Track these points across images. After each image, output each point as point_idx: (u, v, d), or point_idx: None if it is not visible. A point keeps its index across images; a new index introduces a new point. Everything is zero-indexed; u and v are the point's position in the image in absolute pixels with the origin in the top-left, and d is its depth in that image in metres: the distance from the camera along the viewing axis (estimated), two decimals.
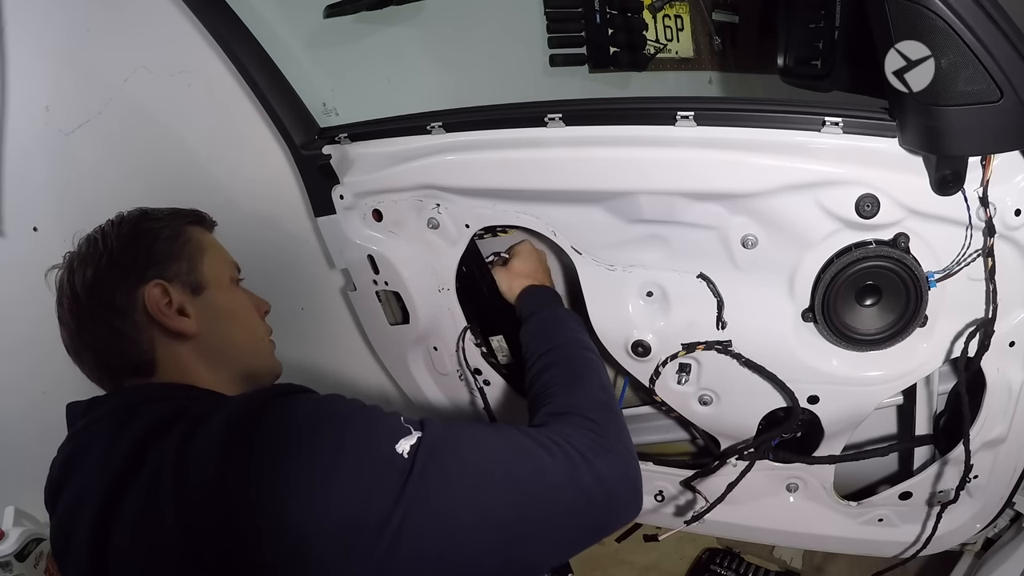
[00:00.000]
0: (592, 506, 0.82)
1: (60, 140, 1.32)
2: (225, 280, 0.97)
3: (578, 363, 1.06)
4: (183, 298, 0.89)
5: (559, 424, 0.89)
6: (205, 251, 0.95)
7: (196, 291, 0.91)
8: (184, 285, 0.90)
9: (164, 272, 0.89)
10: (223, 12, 1.27)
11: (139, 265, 0.88)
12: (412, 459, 0.71)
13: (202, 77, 1.34)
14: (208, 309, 0.91)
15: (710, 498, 1.26)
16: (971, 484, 1.16)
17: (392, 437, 0.72)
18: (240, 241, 1.45)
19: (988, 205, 0.92)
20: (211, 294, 0.93)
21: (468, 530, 0.72)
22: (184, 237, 0.94)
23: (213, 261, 0.96)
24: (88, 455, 0.79)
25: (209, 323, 0.90)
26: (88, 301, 0.86)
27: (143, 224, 0.93)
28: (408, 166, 1.21)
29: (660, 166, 1.03)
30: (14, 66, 1.25)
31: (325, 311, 1.58)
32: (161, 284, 0.88)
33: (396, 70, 1.63)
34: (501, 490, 0.75)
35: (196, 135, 1.39)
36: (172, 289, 0.88)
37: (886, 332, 1.02)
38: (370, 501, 0.67)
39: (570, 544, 0.83)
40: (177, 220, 0.96)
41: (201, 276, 0.93)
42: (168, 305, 0.87)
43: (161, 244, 0.91)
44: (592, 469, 0.81)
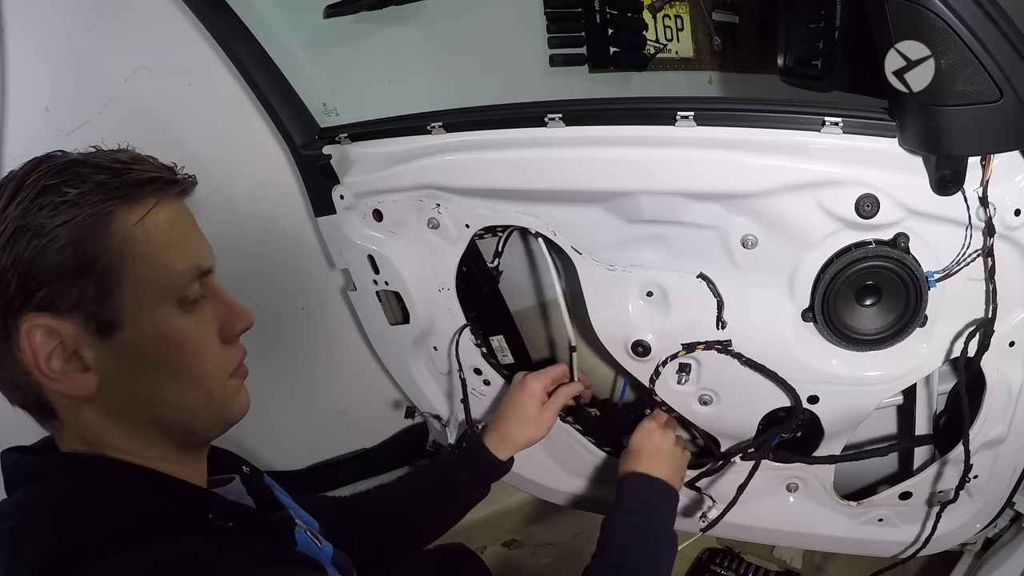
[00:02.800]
0: None
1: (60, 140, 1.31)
2: (165, 304, 0.63)
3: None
4: (82, 340, 0.59)
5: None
6: (136, 259, 0.61)
7: (105, 331, 0.60)
8: (87, 319, 0.59)
9: (54, 300, 0.58)
10: (223, 12, 1.27)
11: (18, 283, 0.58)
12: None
13: (202, 77, 1.34)
14: (123, 357, 0.61)
15: (712, 498, 1.26)
16: (971, 484, 1.16)
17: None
18: (240, 241, 1.46)
19: (988, 205, 0.92)
20: (130, 334, 0.61)
21: None
22: (101, 238, 0.60)
23: (147, 276, 0.62)
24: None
25: (121, 377, 0.61)
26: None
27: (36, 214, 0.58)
28: (408, 166, 1.21)
29: (660, 166, 1.03)
30: (14, 66, 1.24)
31: (325, 311, 1.58)
32: (45, 325, 0.58)
33: (396, 70, 1.63)
34: None
35: (196, 135, 1.39)
36: (65, 326, 0.59)
37: (886, 332, 1.02)
38: None
39: None
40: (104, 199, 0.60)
41: (117, 305, 0.60)
42: (57, 353, 0.59)
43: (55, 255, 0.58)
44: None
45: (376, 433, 1.73)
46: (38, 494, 0.62)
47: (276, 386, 1.57)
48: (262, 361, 1.53)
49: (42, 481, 0.63)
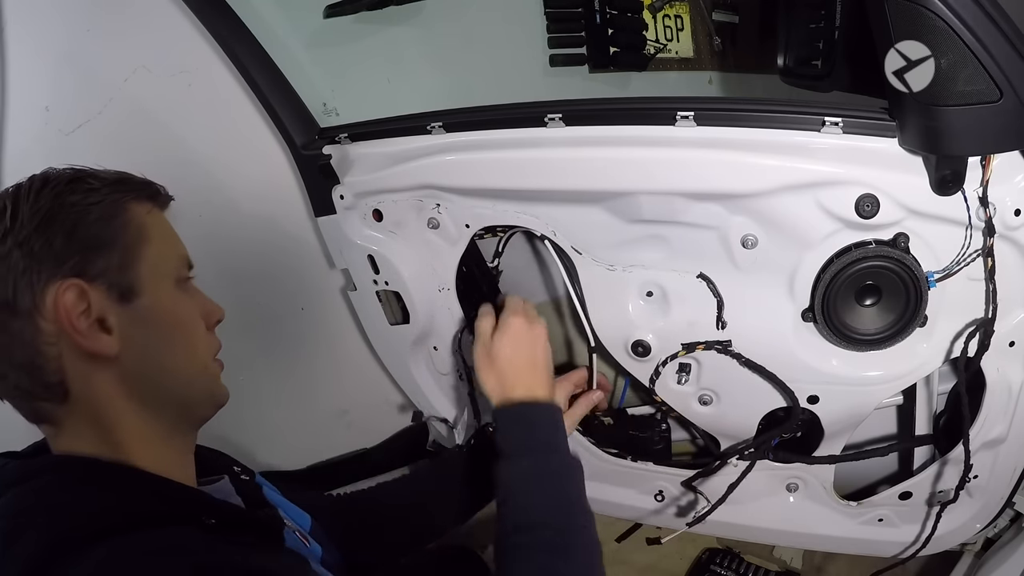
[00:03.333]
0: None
1: (60, 140, 1.32)
2: (169, 282, 0.74)
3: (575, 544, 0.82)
4: (106, 306, 0.68)
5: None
6: (148, 241, 0.72)
7: (126, 297, 0.69)
8: (111, 287, 0.68)
9: (87, 267, 0.67)
10: (223, 12, 1.27)
11: (54, 255, 0.66)
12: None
13: (202, 77, 1.34)
14: (139, 322, 0.70)
15: (711, 498, 1.26)
16: (971, 484, 1.16)
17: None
18: (241, 241, 1.46)
19: (988, 205, 0.92)
20: (146, 301, 0.71)
21: None
22: (122, 219, 0.71)
23: (157, 254, 0.73)
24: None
25: (137, 342, 0.69)
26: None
27: (69, 196, 0.69)
28: (408, 166, 1.21)
29: (660, 166, 1.03)
30: (14, 66, 1.24)
31: (325, 311, 1.58)
32: (78, 285, 0.66)
33: (396, 70, 1.63)
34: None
35: (196, 135, 1.39)
36: (93, 292, 0.67)
37: (886, 332, 1.02)
38: None
39: None
40: (118, 193, 0.72)
41: (136, 277, 0.70)
42: (85, 314, 0.66)
43: (88, 227, 0.68)
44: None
45: (376, 433, 1.73)
46: (27, 495, 0.64)
47: (276, 386, 1.57)
48: (263, 361, 1.54)
49: (32, 482, 0.65)
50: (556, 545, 0.80)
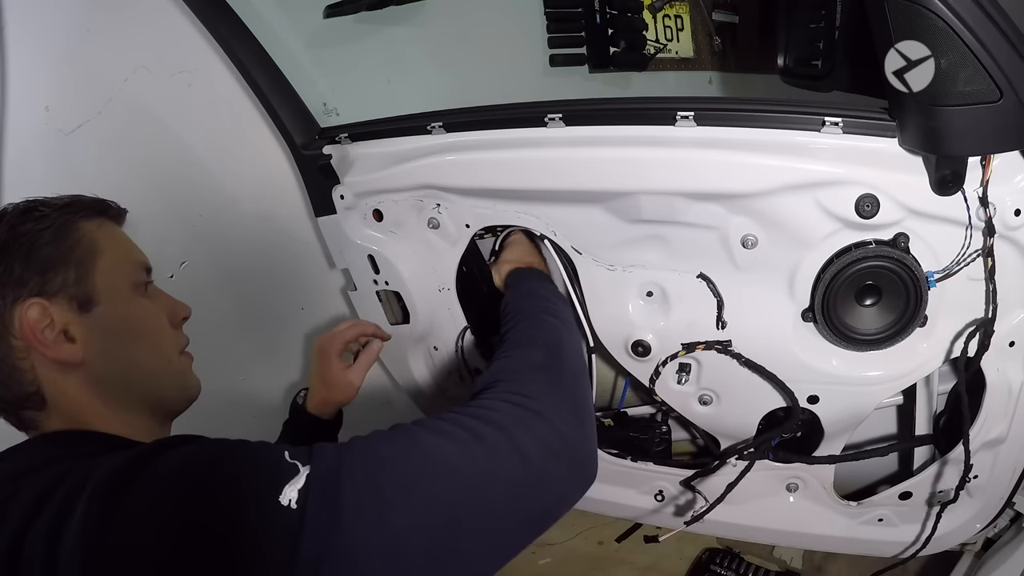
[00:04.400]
0: (519, 492, 0.71)
1: (60, 140, 1.32)
2: (125, 288, 0.81)
3: (533, 325, 0.98)
4: (68, 317, 0.75)
5: (482, 398, 0.79)
6: (100, 253, 0.80)
7: (85, 306, 0.77)
8: (70, 300, 0.76)
9: (45, 285, 0.75)
10: (223, 12, 1.27)
11: (14, 280, 0.74)
12: (302, 509, 0.60)
13: (202, 77, 1.34)
14: (100, 328, 0.77)
15: (710, 498, 1.26)
16: (971, 484, 1.16)
17: (273, 488, 0.61)
18: (240, 241, 1.46)
19: (988, 205, 0.92)
20: (105, 309, 0.78)
21: (383, 565, 0.63)
22: (73, 238, 0.79)
23: (110, 264, 0.80)
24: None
25: (101, 346, 0.76)
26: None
27: (21, 226, 0.77)
28: (408, 166, 1.21)
29: (660, 166, 1.03)
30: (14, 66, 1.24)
31: (325, 311, 1.58)
32: (39, 303, 0.74)
33: (396, 70, 1.63)
34: (409, 509, 0.65)
35: (196, 135, 1.39)
36: (54, 307, 0.74)
37: (886, 332, 1.02)
38: (263, 566, 0.58)
39: (506, 545, 0.72)
40: (67, 215, 0.80)
41: (91, 287, 0.77)
42: (49, 327, 0.74)
43: (41, 250, 0.76)
44: (506, 437, 0.71)
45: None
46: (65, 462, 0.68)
47: (276, 385, 1.57)
48: (263, 360, 1.54)
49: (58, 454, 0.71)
50: (525, 319, 1.02)
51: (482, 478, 0.70)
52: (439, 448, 0.70)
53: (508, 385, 0.81)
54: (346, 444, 0.70)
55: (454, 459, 0.70)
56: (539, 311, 1.03)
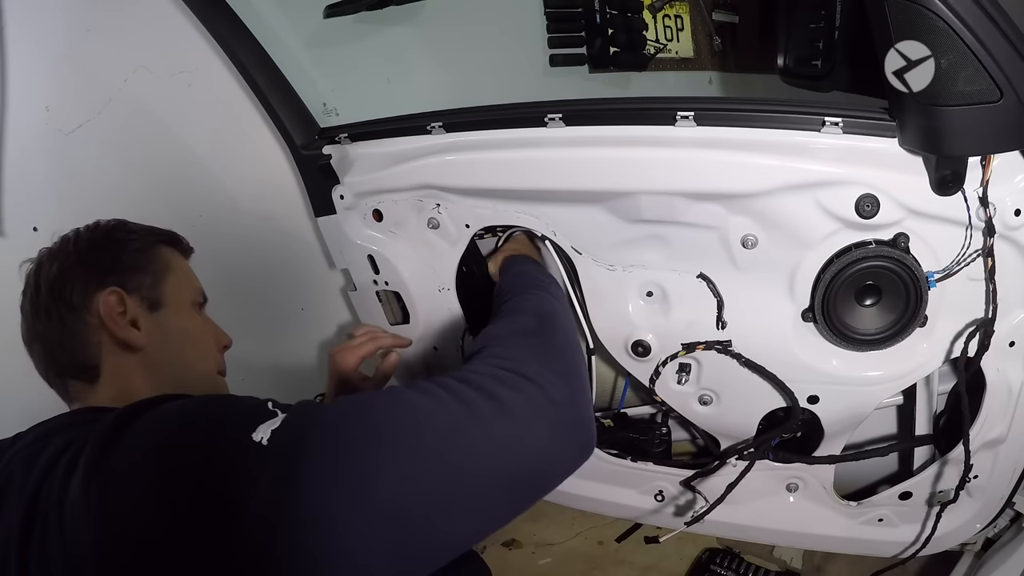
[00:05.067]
0: (503, 450, 0.69)
1: (60, 140, 1.32)
2: (185, 303, 0.96)
3: (523, 299, 0.99)
4: (138, 311, 0.89)
5: (470, 363, 0.79)
6: (171, 271, 0.95)
7: (153, 307, 0.91)
8: (142, 298, 0.90)
9: (125, 282, 0.89)
10: (223, 12, 1.27)
11: (102, 269, 0.88)
12: (270, 443, 0.63)
13: (202, 77, 1.34)
14: (161, 327, 0.90)
15: (710, 498, 1.26)
16: (971, 484, 1.16)
17: (248, 425, 0.65)
18: (240, 241, 1.46)
19: (988, 205, 0.92)
20: (167, 314, 0.92)
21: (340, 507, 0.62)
22: (152, 253, 0.94)
23: (177, 282, 0.95)
24: (9, 493, 0.75)
25: (159, 341, 0.89)
26: (47, 295, 0.87)
27: (116, 233, 0.93)
28: (408, 166, 1.21)
29: (660, 166, 1.03)
30: (14, 66, 1.25)
31: (325, 311, 1.58)
32: (118, 292, 0.87)
33: (396, 70, 1.63)
34: (374, 455, 0.64)
35: (196, 135, 1.39)
36: (129, 300, 0.88)
37: (886, 332, 1.02)
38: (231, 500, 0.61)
39: (492, 505, 0.70)
40: (151, 237, 0.96)
41: (161, 294, 0.92)
42: (121, 315, 0.87)
43: (128, 255, 0.91)
44: (494, 402, 0.70)
45: None
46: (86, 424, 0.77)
47: (277, 384, 1.57)
48: (263, 361, 1.54)
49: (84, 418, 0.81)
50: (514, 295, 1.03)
51: (461, 433, 0.68)
52: (417, 402, 0.70)
53: (493, 350, 0.81)
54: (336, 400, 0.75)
55: (432, 412, 0.69)
56: (531, 286, 1.05)
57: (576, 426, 0.76)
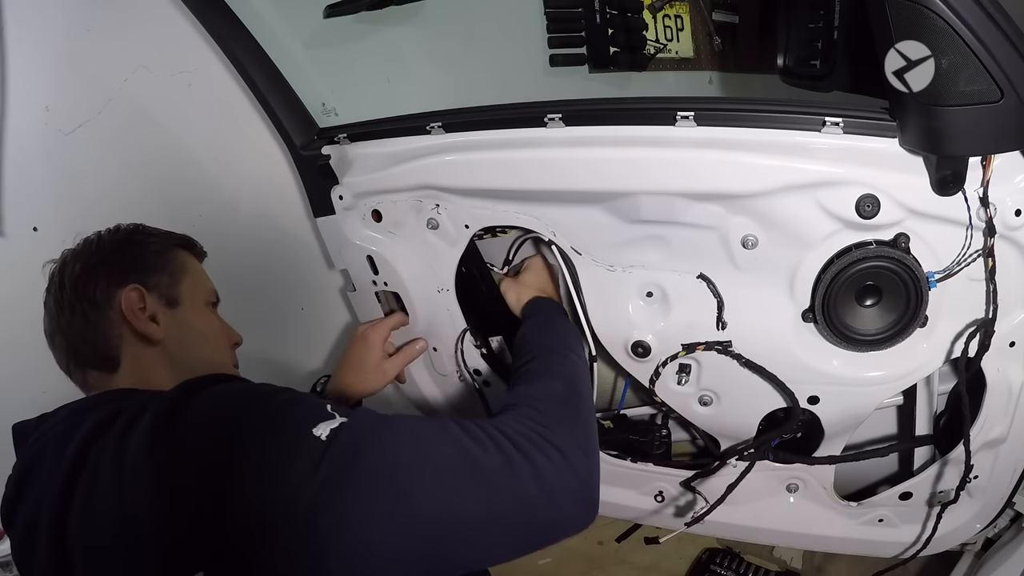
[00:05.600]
0: (528, 504, 0.76)
1: (60, 140, 1.32)
2: (200, 302, 1.02)
3: (554, 360, 1.03)
4: (157, 307, 0.95)
5: (505, 415, 0.85)
6: (187, 272, 1.02)
7: (171, 304, 0.97)
8: (161, 296, 0.97)
9: (145, 280, 0.95)
10: (223, 12, 1.27)
11: (124, 268, 0.95)
12: (329, 442, 0.70)
13: (202, 77, 1.34)
14: (178, 323, 0.97)
15: (710, 499, 1.26)
16: (971, 484, 1.16)
17: (310, 421, 0.72)
18: (240, 241, 1.46)
19: (988, 205, 0.92)
20: (184, 311, 0.98)
21: (384, 520, 0.69)
22: (170, 255, 1.01)
23: (193, 283, 1.02)
24: (41, 466, 0.81)
25: (177, 335, 0.96)
26: (71, 291, 0.93)
27: (136, 235, 1.00)
28: (407, 166, 1.21)
29: (660, 166, 1.03)
30: (14, 66, 1.25)
31: (325, 311, 1.58)
32: (139, 289, 0.94)
33: (396, 70, 1.63)
34: (421, 481, 0.72)
35: (196, 135, 1.39)
36: (149, 297, 0.94)
37: (886, 332, 1.02)
38: (285, 482, 0.67)
39: (505, 545, 0.77)
40: (168, 240, 1.03)
41: (178, 293, 0.99)
42: (142, 310, 0.93)
43: (148, 255, 0.98)
44: (528, 463, 0.77)
45: None
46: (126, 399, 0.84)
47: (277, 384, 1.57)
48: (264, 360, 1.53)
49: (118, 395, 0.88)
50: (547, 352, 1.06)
51: (496, 481, 0.75)
52: (464, 443, 0.76)
53: (529, 412, 0.85)
54: (385, 415, 0.79)
55: (476, 455, 0.76)
56: (560, 346, 1.08)
57: (588, 498, 0.82)
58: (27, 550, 0.80)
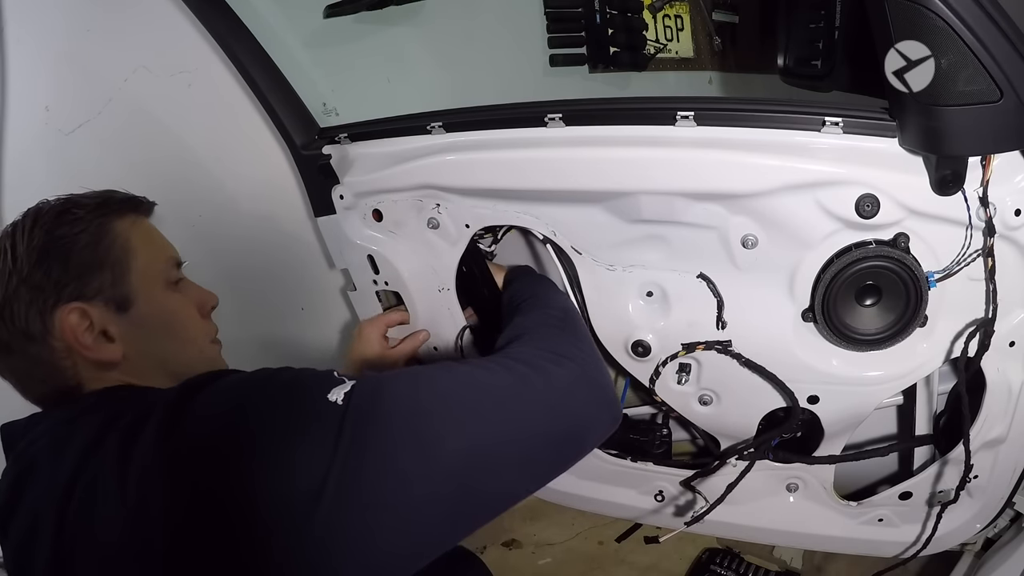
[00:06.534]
0: (550, 414, 0.77)
1: (60, 140, 1.32)
2: (159, 285, 0.86)
3: (540, 297, 1.06)
4: (106, 319, 0.79)
5: (510, 347, 0.86)
6: (134, 253, 0.83)
7: (122, 307, 0.81)
8: (107, 302, 0.80)
9: (83, 289, 0.78)
10: (223, 12, 1.27)
11: (53, 284, 0.77)
12: (346, 405, 0.68)
13: (202, 77, 1.34)
14: (136, 327, 0.81)
15: (710, 498, 1.26)
16: (971, 484, 1.16)
17: (322, 388, 0.70)
18: (240, 241, 1.46)
19: (988, 205, 0.92)
20: (140, 308, 0.82)
21: (415, 469, 0.68)
22: (107, 240, 0.82)
23: (144, 264, 0.84)
24: (36, 474, 0.74)
25: (138, 343, 0.81)
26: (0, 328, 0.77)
27: (58, 229, 0.80)
28: (408, 166, 1.21)
29: (660, 166, 1.03)
30: (14, 66, 1.25)
31: (325, 311, 1.58)
32: (79, 308, 0.77)
33: (396, 70, 1.63)
34: (445, 423, 0.71)
35: (196, 135, 1.39)
36: (92, 310, 0.78)
37: (886, 332, 1.02)
38: (307, 454, 0.65)
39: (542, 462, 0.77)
40: (101, 216, 0.83)
41: (128, 288, 0.81)
42: (88, 330, 0.78)
43: (79, 254, 0.79)
44: (542, 375, 0.77)
45: None
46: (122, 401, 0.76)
47: None
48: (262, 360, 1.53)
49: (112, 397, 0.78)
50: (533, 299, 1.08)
51: (516, 398, 0.75)
52: (473, 373, 0.76)
53: (531, 338, 0.87)
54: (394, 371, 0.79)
55: (488, 380, 0.76)
56: (550, 289, 1.12)
57: (608, 399, 0.84)
58: (25, 556, 0.73)
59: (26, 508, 0.73)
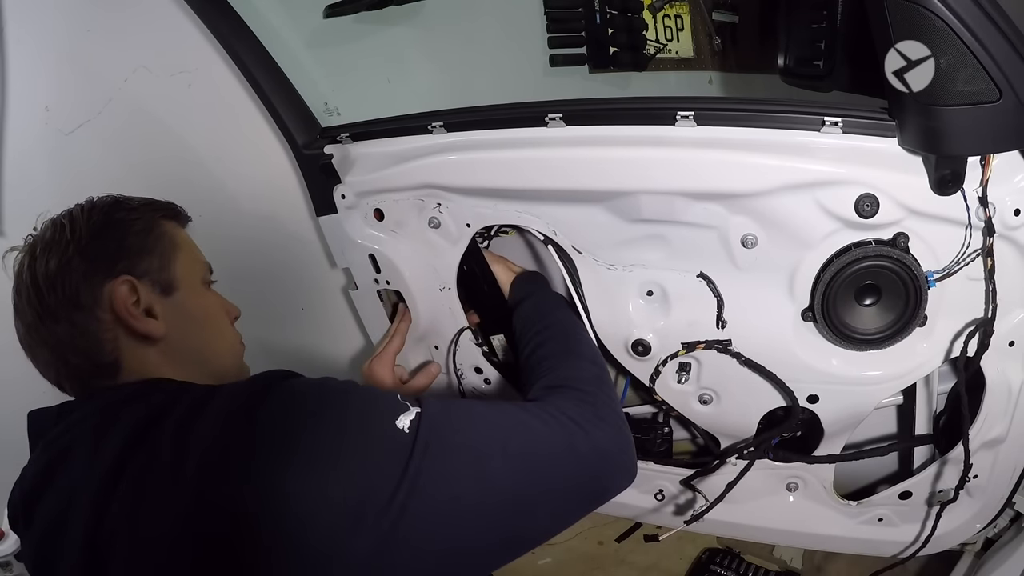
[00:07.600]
0: (589, 473, 0.84)
1: (60, 140, 1.32)
2: (197, 281, 0.91)
3: (571, 339, 1.09)
4: (152, 298, 0.83)
5: (554, 397, 0.91)
6: (178, 248, 0.89)
7: (166, 291, 0.85)
8: (154, 284, 0.84)
9: (134, 268, 0.83)
10: (224, 12, 1.27)
11: (108, 258, 0.82)
12: (414, 434, 0.71)
13: (203, 77, 1.34)
14: (178, 312, 0.85)
15: (710, 497, 1.26)
16: (971, 484, 1.16)
17: (392, 413, 0.73)
18: (242, 240, 1.46)
19: (987, 205, 0.92)
20: (182, 296, 0.87)
21: (470, 505, 0.72)
22: (158, 231, 0.88)
23: (186, 260, 0.90)
24: (70, 462, 0.74)
25: (178, 326, 0.84)
26: (50, 294, 0.79)
27: (115, 213, 0.86)
28: (409, 165, 1.21)
29: (660, 166, 1.03)
30: (14, 66, 1.25)
31: (326, 310, 1.58)
32: (130, 281, 0.81)
33: (397, 70, 1.63)
34: (501, 463, 0.75)
35: (197, 135, 1.39)
36: (141, 287, 0.82)
37: (886, 332, 1.02)
38: (374, 478, 0.67)
39: (569, 513, 0.83)
40: (151, 212, 0.89)
41: (172, 275, 0.86)
42: (136, 304, 0.81)
43: (133, 237, 0.85)
44: (587, 437, 0.83)
45: None
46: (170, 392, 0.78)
47: None
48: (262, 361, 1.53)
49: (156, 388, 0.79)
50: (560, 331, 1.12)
51: (559, 449, 0.81)
52: (526, 420, 0.81)
53: (575, 393, 0.92)
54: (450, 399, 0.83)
55: (538, 429, 0.81)
56: (570, 324, 1.14)
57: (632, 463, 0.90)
58: (50, 546, 0.73)
59: (57, 497, 0.74)
